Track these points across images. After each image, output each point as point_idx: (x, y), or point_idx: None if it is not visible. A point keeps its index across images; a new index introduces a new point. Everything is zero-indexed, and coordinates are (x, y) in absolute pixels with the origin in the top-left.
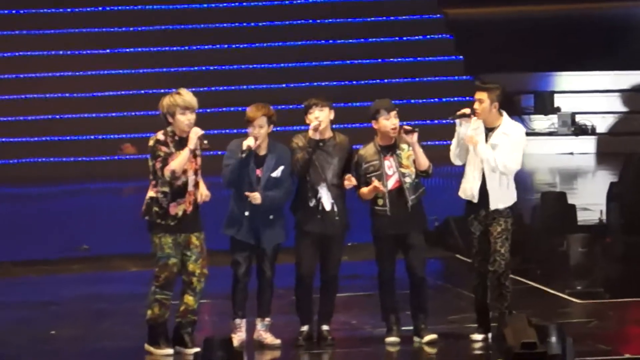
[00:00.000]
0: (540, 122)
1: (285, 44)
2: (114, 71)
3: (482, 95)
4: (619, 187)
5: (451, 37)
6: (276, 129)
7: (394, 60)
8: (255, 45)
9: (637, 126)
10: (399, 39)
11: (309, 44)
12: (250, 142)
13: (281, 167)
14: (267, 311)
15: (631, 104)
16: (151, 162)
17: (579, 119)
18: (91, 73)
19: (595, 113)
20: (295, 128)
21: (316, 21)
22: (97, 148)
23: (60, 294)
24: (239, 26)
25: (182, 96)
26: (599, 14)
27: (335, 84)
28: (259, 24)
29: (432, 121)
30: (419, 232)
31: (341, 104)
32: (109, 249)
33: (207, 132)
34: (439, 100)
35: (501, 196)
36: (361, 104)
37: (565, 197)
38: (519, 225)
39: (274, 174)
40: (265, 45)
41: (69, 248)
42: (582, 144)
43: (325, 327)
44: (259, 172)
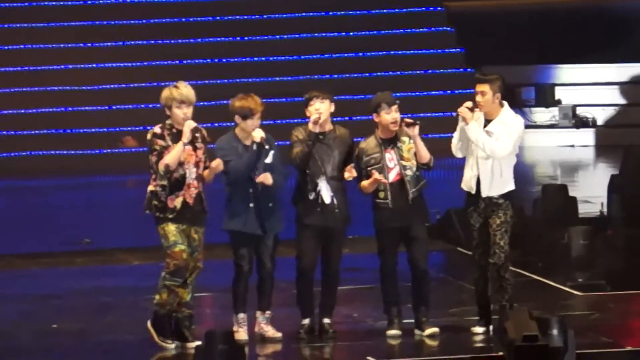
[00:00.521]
0: (541, 115)
1: (286, 37)
2: (115, 64)
3: (484, 87)
4: (619, 179)
5: (452, 29)
6: (277, 122)
7: (396, 52)
8: (256, 38)
9: (637, 118)
10: (401, 31)
11: (310, 36)
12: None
13: (271, 152)
14: (268, 304)
15: (632, 96)
16: (149, 156)
17: (580, 111)
18: (92, 66)
19: (596, 105)
20: (295, 121)
21: (317, 14)
22: (98, 141)
23: (62, 287)
24: (240, 19)
25: (179, 89)
26: (600, 7)
27: (336, 76)
28: (259, 17)
29: (434, 113)
30: (422, 225)
31: (342, 97)
32: (111, 242)
33: (209, 125)
34: (441, 92)
35: (493, 184)
36: (362, 96)
37: (566, 189)
38: (520, 217)
39: (267, 160)
40: (266, 38)
41: (71, 241)
42: (583, 136)
43: (326, 320)
44: None
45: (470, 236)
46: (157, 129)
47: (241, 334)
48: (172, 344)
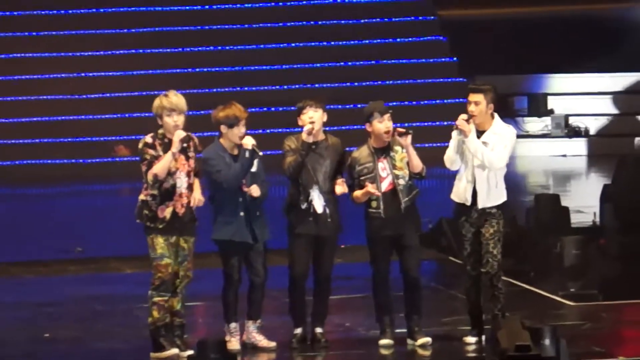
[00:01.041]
0: (534, 124)
1: (279, 46)
2: (107, 73)
3: (478, 97)
4: (612, 189)
5: (445, 38)
6: (270, 131)
7: (389, 61)
8: (249, 47)
9: (630, 128)
10: (394, 40)
11: (303, 45)
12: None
13: (256, 161)
14: (258, 313)
15: (624, 106)
16: (140, 165)
17: (573, 121)
18: (85, 75)
19: (588, 115)
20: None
21: (310, 23)
22: (91, 150)
23: (56, 295)
24: (232, 28)
25: (169, 98)
26: (592, 16)
27: (330, 85)
28: (252, 26)
29: (426, 123)
30: (414, 233)
31: (335, 106)
32: (104, 251)
33: (201, 135)
34: (433, 101)
35: (490, 195)
36: (355, 105)
37: (558, 199)
38: (512, 227)
39: (253, 169)
40: (259, 47)
41: (63, 249)
42: (575, 145)
43: (319, 330)
44: None
45: (462, 246)
46: (149, 138)
47: (233, 343)
48: (173, 348)
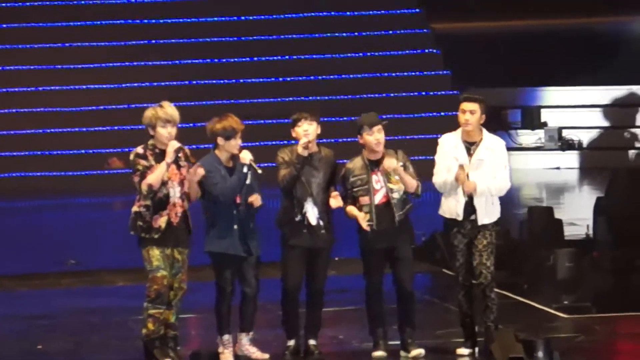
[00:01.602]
0: (527, 137)
1: (272, 59)
2: (100, 85)
3: (474, 106)
4: (605, 202)
5: (439, 51)
6: (264, 143)
7: (382, 74)
8: (241, 60)
9: (623, 141)
10: (387, 53)
11: (296, 58)
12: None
13: (249, 173)
14: (251, 325)
15: (617, 119)
16: (132, 177)
17: (566, 133)
18: (78, 87)
19: (582, 128)
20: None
21: (303, 35)
22: (84, 162)
23: (49, 307)
24: (225, 40)
25: (164, 109)
26: (586, 29)
27: (323, 98)
28: (245, 39)
29: (420, 135)
30: (408, 246)
31: (329, 118)
32: (97, 263)
33: (190, 147)
34: (427, 114)
35: (488, 212)
36: (348, 118)
37: (552, 211)
38: (506, 239)
39: (247, 181)
40: (252, 59)
41: (57, 262)
42: (568, 158)
43: (312, 342)
44: None
45: (454, 257)
46: (140, 149)
47: (226, 356)
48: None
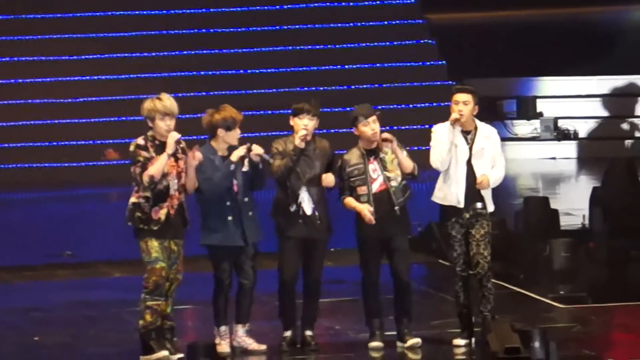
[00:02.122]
0: (523, 127)
1: (268, 50)
2: (97, 77)
3: (467, 97)
4: (601, 192)
5: (434, 42)
6: (260, 134)
7: (378, 64)
8: (237, 51)
9: (619, 131)
10: (383, 43)
11: (292, 49)
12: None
13: (246, 160)
14: (247, 316)
15: (613, 108)
16: (132, 168)
17: (562, 123)
18: (74, 79)
19: (577, 118)
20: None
21: (299, 27)
22: (80, 154)
23: (45, 300)
24: (221, 32)
25: (163, 102)
26: (581, 19)
27: (318, 89)
28: (241, 30)
29: (415, 126)
30: (404, 236)
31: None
32: (93, 255)
33: (188, 138)
34: (422, 105)
35: (490, 198)
36: (344, 109)
37: (548, 202)
38: (502, 230)
39: (244, 169)
40: (248, 50)
41: (53, 254)
42: (564, 148)
43: (308, 333)
44: None
45: (451, 247)
46: (140, 140)
47: (223, 347)
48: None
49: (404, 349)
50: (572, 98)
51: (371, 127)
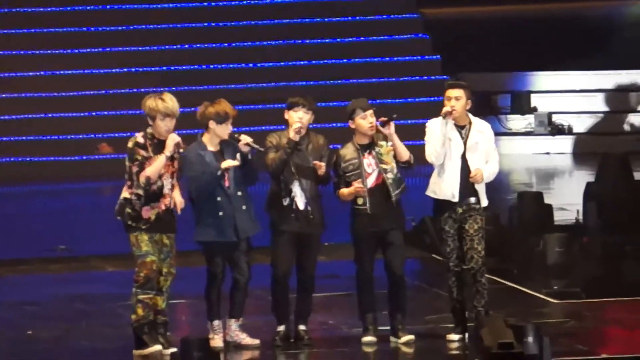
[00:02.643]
0: (517, 122)
1: (262, 44)
2: (89, 70)
3: (459, 93)
4: (596, 187)
5: (428, 36)
6: (252, 129)
7: (372, 59)
8: (232, 45)
9: (613, 126)
10: (377, 38)
11: (285, 43)
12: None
13: (237, 154)
14: (241, 311)
15: (608, 104)
16: (128, 164)
17: (556, 118)
18: (67, 72)
19: (572, 113)
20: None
21: (292, 21)
22: (73, 148)
23: (37, 294)
24: (215, 26)
25: (165, 102)
26: (576, 14)
27: (312, 83)
28: (235, 24)
29: (410, 120)
30: (399, 230)
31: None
32: (86, 249)
33: (186, 132)
34: (417, 100)
35: (484, 193)
36: (339, 103)
37: (542, 197)
38: (496, 225)
39: (235, 162)
40: (242, 44)
41: (46, 248)
42: (558, 143)
43: (302, 327)
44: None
45: (445, 242)
46: (140, 137)
47: (216, 341)
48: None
49: (398, 343)
50: (567, 93)
51: (368, 121)
